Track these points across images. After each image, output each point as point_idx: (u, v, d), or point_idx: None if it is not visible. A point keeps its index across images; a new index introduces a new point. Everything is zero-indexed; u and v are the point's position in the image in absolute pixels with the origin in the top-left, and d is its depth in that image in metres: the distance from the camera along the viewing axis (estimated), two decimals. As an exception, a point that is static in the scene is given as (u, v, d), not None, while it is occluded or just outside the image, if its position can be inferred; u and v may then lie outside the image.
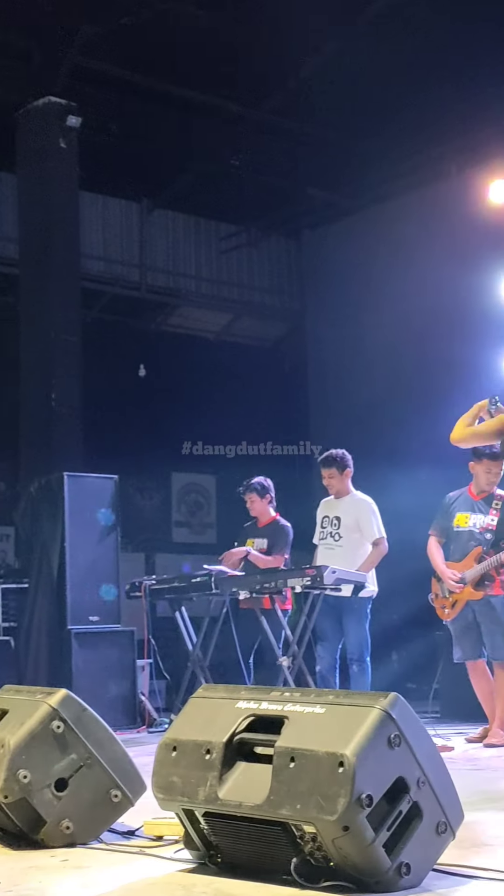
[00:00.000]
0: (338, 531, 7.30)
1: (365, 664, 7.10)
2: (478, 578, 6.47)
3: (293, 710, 2.93)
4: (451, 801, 2.90)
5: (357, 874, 2.71)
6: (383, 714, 2.77)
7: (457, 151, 10.29)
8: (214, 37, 9.05)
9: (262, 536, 7.80)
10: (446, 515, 6.71)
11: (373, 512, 7.30)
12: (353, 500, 7.37)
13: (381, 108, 9.77)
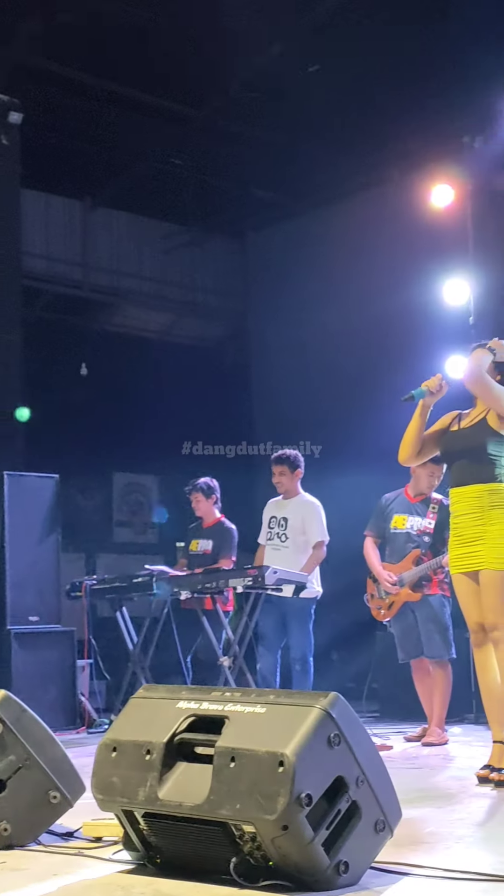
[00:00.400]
0: (284, 532, 7.33)
1: (308, 664, 7.15)
2: (416, 580, 6.54)
3: (234, 710, 2.94)
4: (390, 799, 2.93)
5: (296, 873, 2.72)
6: (323, 714, 2.79)
7: (399, 156, 10.36)
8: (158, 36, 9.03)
9: (206, 538, 7.80)
10: (382, 517, 6.78)
11: (319, 514, 7.35)
12: (301, 501, 7.41)
13: (326, 110, 9.81)
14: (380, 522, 6.79)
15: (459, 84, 9.06)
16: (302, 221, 11.81)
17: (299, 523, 7.33)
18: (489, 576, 4.70)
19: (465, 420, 4.96)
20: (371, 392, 10.04)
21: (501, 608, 4.67)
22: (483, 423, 4.84)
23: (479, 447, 4.79)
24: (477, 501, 4.75)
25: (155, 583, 7.23)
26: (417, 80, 9.10)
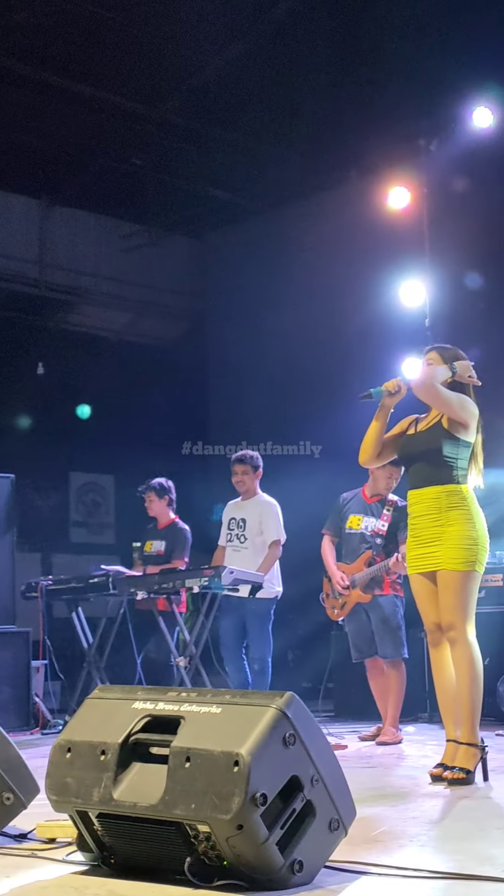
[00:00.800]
0: (243, 533, 7.35)
1: (266, 665, 7.17)
2: (366, 581, 6.58)
3: (189, 711, 2.94)
4: (344, 798, 2.94)
5: (250, 872, 2.73)
6: (279, 713, 2.79)
7: (357, 158, 10.42)
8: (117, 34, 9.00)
9: (160, 538, 7.80)
10: (339, 516, 6.82)
11: (276, 514, 7.37)
12: (259, 501, 7.43)
13: (284, 111, 9.83)
14: (337, 521, 6.83)
15: (416, 87, 9.13)
16: (260, 221, 11.83)
17: (257, 524, 7.35)
18: (446, 576, 4.74)
19: (422, 423, 5.01)
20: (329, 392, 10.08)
21: (458, 608, 4.71)
22: (438, 426, 4.89)
23: (435, 450, 4.84)
24: (435, 503, 4.80)
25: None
26: (374, 83, 9.15)
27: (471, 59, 8.69)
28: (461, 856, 3.12)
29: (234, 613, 7.21)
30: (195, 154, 10.89)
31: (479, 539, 4.77)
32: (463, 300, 9.55)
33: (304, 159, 10.78)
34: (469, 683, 4.69)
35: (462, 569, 4.72)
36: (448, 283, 9.69)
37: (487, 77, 8.95)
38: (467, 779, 4.56)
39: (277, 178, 11.22)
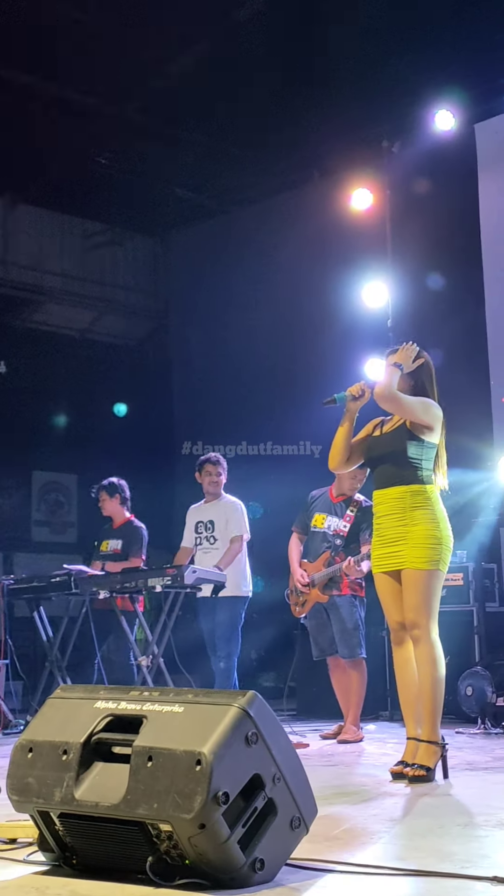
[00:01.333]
0: (212, 534, 7.36)
1: (231, 662, 7.19)
2: (325, 582, 6.62)
3: (152, 710, 2.95)
4: (306, 796, 2.96)
5: (212, 871, 2.74)
6: (241, 712, 2.80)
7: (319, 158, 10.45)
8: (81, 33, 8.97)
9: (116, 538, 7.79)
10: (307, 514, 6.85)
11: (241, 512, 7.40)
12: (224, 502, 7.46)
13: (247, 111, 9.84)
14: (304, 519, 6.87)
15: (379, 89, 9.17)
16: (223, 221, 11.84)
17: (224, 523, 7.37)
18: (410, 575, 4.77)
19: (387, 425, 5.05)
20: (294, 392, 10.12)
21: (421, 607, 4.75)
22: (402, 428, 4.93)
23: (399, 451, 4.88)
24: (399, 503, 4.84)
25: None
26: (338, 84, 9.17)
27: (432, 63, 8.74)
28: (421, 853, 3.14)
29: (210, 615, 7.23)
30: (159, 154, 10.87)
31: (444, 539, 4.81)
32: (425, 301, 9.61)
33: (266, 160, 10.80)
34: (431, 682, 4.73)
35: (426, 568, 4.75)
36: (410, 283, 9.75)
37: (449, 80, 9.01)
38: (427, 776, 4.59)
39: (240, 178, 11.23)
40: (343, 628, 6.56)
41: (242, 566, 7.36)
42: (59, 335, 12.44)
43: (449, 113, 9.23)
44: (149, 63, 9.33)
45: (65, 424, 11.70)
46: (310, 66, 9.09)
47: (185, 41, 9.07)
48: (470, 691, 6.81)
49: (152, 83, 9.65)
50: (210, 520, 7.42)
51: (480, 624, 7.57)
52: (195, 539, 7.46)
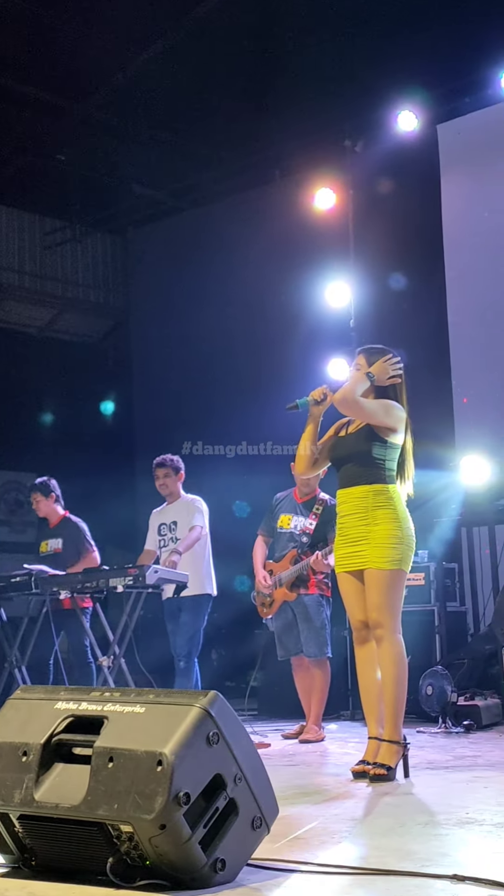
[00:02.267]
0: (175, 535, 7.33)
1: (192, 662, 7.16)
2: (292, 580, 6.62)
3: (113, 710, 2.93)
4: (267, 796, 2.95)
5: (173, 871, 2.72)
6: (203, 712, 2.79)
7: (281, 157, 10.45)
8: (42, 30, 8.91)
9: (55, 537, 7.73)
10: (272, 516, 6.87)
11: (200, 509, 7.37)
12: (184, 502, 7.43)
13: (208, 109, 9.83)
14: (270, 522, 6.90)
15: (341, 88, 9.19)
16: (183, 219, 11.82)
17: (186, 523, 7.35)
18: (373, 575, 4.78)
19: (352, 426, 5.06)
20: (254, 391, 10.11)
21: (384, 607, 4.75)
22: (367, 428, 4.94)
23: (363, 451, 4.88)
24: (362, 502, 4.84)
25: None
26: (300, 83, 9.18)
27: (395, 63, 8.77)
28: (382, 852, 3.15)
29: (175, 616, 7.21)
30: (119, 151, 10.83)
31: (406, 538, 4.81)
32: (387, 301, 9.64)
33: (227, 158, 10.79)
34: (394, 681, 4.73)
35: (388, 567, 4.75)
36: (373, 284, 9.78)
37: (411, 81, 9.04)
38: (388, 775, 4.60)
39: (201, 177, 11.22)
40: (310, 627, 6.57)
41: (206, 566, 7.33)
42: (19, 333, 12.36)
43: (412, 113, 9.26)
44: (109, 60, 9.29)
45: (25, 423, 11.61)
46: (272, 65, 9.09)
47: (146, 38, 9.04)
48: (430, 690, 6.84)
49: (113, 80, 9.61)
50: (173, 521, 7.40)
51: (441, 623, 7.60)
52: (159, 541, 7.43)
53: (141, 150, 10.73)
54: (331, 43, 8.75)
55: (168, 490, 7.43)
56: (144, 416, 11.96)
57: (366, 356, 5.02)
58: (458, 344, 9.25)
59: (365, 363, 4.99)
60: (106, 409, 9.51)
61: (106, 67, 9.45)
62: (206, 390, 10.73)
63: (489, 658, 7.23)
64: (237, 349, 10.50)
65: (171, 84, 9.47)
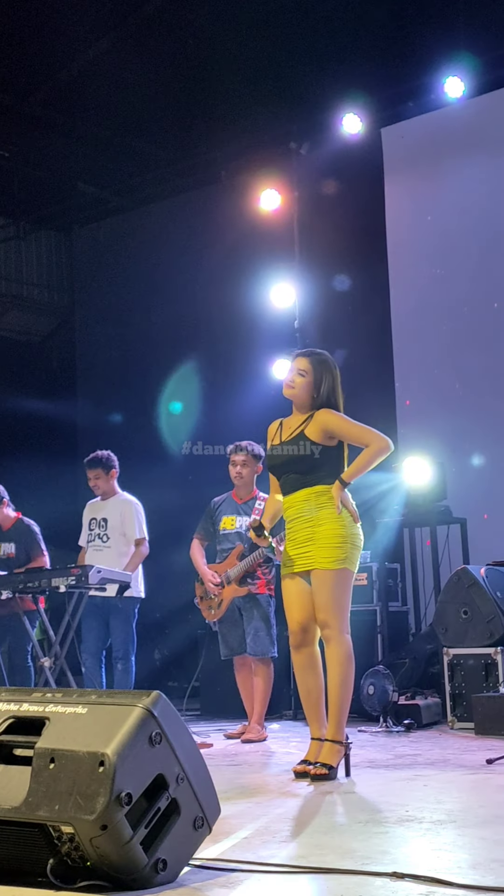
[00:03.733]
0: (105, 532, 7.31)
1: (130, 663, 7.15)
2: (241, 576, 6.64)
3: (55, 711, 2.92)
4: (209, 796, 2.96)
5: (113, 872, 2.72)
6: (145, 712, 2.79)
7: (227, 157, 10.46)
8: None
9: (8, 541, 7.66)
10: (210, 520, 6.89)
11: (137, 513, 7.35)
12: (119, 500, 7.40)
13: (154, 107, 9.80)
14: (207, 525, 6.90)
15: (286, 90, 9.22)
16: (128, 218, 11.78)
17: (118, 523, 7.32)
18: (320, 575, 4.79)
19: (286, 431, 5.03)
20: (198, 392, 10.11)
21: (332, 607, 4.76)
22: (302, 436, 4.94)
23: (301, 457, 4.90)
24: (305, 504, 4.88)
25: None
26: (246, 84, 9.20)
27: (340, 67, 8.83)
28: (323, 850, 3.17)
29: (98, 614, 7.18)
30: (64, 148, 10.76)
31: (350, 537, 4.83)
32: (332, 302, 9.70)
33: (173, 158, 10.77)
34: (340, 682, 4.76)
35: (334, 567, 4.77)
36: (317, 285, 9.83)
37: (356, 85, 9.10)
38: (329, 775, 4.63)
39: (147, 176, 11.18)
40: (258, 626, 6.58)
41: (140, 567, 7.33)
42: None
43: (356, 117, 9.32)
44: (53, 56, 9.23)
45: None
46: (217, 64, 9.09)
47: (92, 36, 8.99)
48: (372, 690, 6.88)
49: (56, 77, 9.55)
50: (104, 517, 7.38)
51: (383, 623, 7.66)
52: (88, 536, 7.41)
53: (86, 148, 10.67)
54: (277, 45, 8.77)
55: (101, 490, 7.42)
56: (88, 416, 11.90)
57: (311, 362, 4.98)
58: (401, 345, 9.33)
59: (310, 368, 4.96)
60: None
61: (51, 64, 9.38)
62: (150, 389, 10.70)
63: (430, 657, 7.30)
64: (181, 350, 10.49)
65: (117, 82, 9.42)
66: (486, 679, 6.49)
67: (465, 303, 8.99)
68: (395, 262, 9.48)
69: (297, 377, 4.97)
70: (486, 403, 8.66)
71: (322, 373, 4.97)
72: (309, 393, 4.95)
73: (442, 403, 8.92)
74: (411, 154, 9.44)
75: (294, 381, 4.97)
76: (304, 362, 4.99)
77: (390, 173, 9.56)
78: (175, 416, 9.87)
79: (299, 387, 4.96)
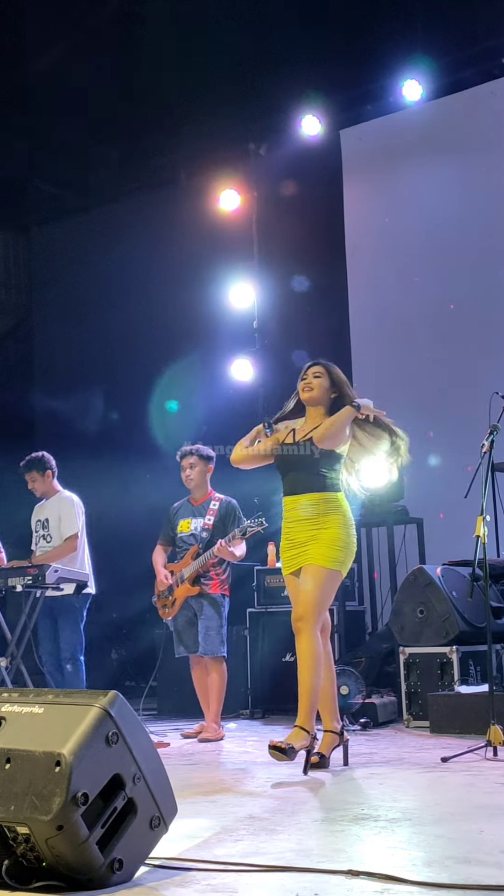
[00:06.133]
0: (48, 532, 7.29)
1: (79, 663, 7.12)
2: (194, 575, 6.65)
3: (11, 711, 2.91)
4: (166, 795, 2.96)
5: (69, 872, 2.72)
6: (102, 712, 2.79)
7: (186, 158, 10.46)
8: None
9: None
10: (170, 525, 6.91)
11: (73, 508, 7.30)
12: (59, 499, 7.37)
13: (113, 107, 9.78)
14: (167, 531, 6.94)
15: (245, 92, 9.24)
16: (87, 218, 11.74)
17: (56, 521, 7.30)
18: (311, 569, 4.90)
19: (299, 433, 5.17)
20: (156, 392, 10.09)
21: (313, 601, 4.84)
22: (311, 441, 5.06)
23: (312, 460, 5.02)
24: (313, 508, 4.98)
25: None
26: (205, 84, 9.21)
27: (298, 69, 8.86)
28: (279, 848, 3.18)
29: (49, 612, 7.15)
30: (22, 147, 10.71)
31: (350, 544, 4.98)
32: (290, 303, 9.73)
33: (132, 158, 10.75)
34: (308, 675, 4.82)
35: (327, 566, 4.89)
36: (276, 285, 9.85)
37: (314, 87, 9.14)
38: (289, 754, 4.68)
39: (106, 176, 11.16)
40: (209, 626, 6.60)
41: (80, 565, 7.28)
42: None
43: (315, 118, 9.35)
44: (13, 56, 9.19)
45: None
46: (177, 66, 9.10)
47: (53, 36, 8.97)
48: (346, 690, 6.82)
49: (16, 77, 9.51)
50: (45, 518, 7.35)
51: (340, 622, 7.69)
52: (34, 538, 7.38)
53: (44, 147, 10.63)
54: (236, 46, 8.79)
55: (40, 492, 7.40)
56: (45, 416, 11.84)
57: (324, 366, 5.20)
58: (359, 346, 9.38)
59: (324, 371, 5.17)
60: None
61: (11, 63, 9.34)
62: (109, 389, 10.67)
63: (386, 657, 7.34)
64: (140, 349, 10.47)
65: (77, 82, 9.40)
66: (441, 678, 6.54)
67: (422, 303, 9.06)
68: (353, 262, 9.53)
69: (313, 379, 5.16)
70: (442, 404, 8.73)
71: (336, 375, 5.21)
72: (327, 393, 5.14)
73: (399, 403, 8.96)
74: (370, 156, 9.49)
75: (311, 383, 5.16)
76: (317, 368, 5.20)
77: (349, 175, 9.61)
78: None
79: (318, 387, 5.14)
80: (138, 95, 9.53)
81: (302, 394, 5.20)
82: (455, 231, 8.89)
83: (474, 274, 8.79)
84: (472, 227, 8.84)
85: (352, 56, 8.80)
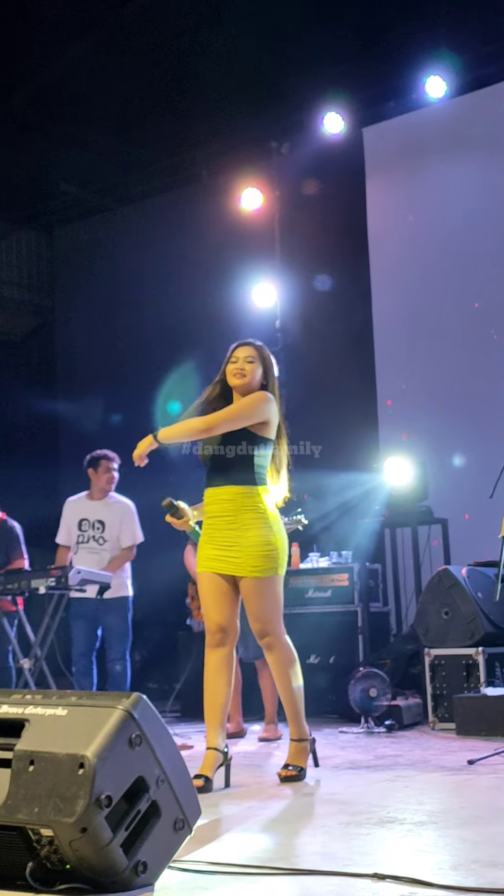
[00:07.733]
0: (102, 535, 7.27)
1: (127, 663, 7.15)
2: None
3: (34, 713, 2.89)
4: (189, 797, 2.94)
5: (93, 875, 2.70)
6: (125, 714, 2.77)
7: (208, 157, 10.45)
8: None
9: None
10: None
11: (135, 516, 7.35)
12: (122, 504, 7.38)
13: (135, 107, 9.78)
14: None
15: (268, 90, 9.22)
16: (109, 218, 11.76)
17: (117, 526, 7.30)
18: (248, 585, 4.62)
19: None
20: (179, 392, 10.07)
21: (267, 614, 4.63)
22: None
23: (232, 447, 4.67)
24: (231, 504, 4.65)
25: None
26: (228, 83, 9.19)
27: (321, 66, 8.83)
28: (304, 852, 3.16)
29: (89, 617, 7.15)
30: (44, 148, 10.72)
31: (278, 543, 4.65)
32: (313, 302, 9.70)
33: (154, 157, 10.75)
34: (293, 684, 4.71)
35: (264, 576, 4.61)
36: (299, 284, 9.83)
37: (337, 84, 9.11)
38: (299, 775, 4.62)
39: (128, 176, 11.16)
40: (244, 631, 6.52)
41: (127, 567, 7.32)
42: None
43: (338, 116, 9.32)
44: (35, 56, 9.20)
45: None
46: (198, 65, 9.09)
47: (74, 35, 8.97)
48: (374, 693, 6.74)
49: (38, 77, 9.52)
50: (99, 519, 7.33)
51: (364, 624, 7.65)
52: (78, 537, 7.35)
53: (68, 148, 10.64)
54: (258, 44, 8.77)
55: (111, 489, 7.42)
56: (69, 416, 11.86)
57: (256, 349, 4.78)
58: (383, 345, 9.33)
59: (257, 355, 4.75)
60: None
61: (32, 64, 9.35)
62: (131, 389, 10.67)
63: (411, 658, 7.30)
64: (163, 349, 10.46)
65: (99, 82, 9.40)
66: (467, 680, 6.49)
67: (446, 302, 9.00)
68: (376, 261, 9.49)
69: (246, 364, 4.75)
70: (467, 403, 8.68)
71: (268, 360, 4.81)
72: (258, 381, 4.76)
73: (423, 403, 8.92)
74: (393, 154, 9.45)
75: (245, 369, 4.74)
76: (249, 350, 4.78)
77: (372, 173, 9.57)
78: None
79: (251, 374, 4.74)
80: (161, 95, 9.52)
81: (231, 379, 4.73)
82: (480, 229, 8.83)
83: (499, 272, 8.73)
84: (496, 224, 8.78)
85: (374, 53, 8.76)
